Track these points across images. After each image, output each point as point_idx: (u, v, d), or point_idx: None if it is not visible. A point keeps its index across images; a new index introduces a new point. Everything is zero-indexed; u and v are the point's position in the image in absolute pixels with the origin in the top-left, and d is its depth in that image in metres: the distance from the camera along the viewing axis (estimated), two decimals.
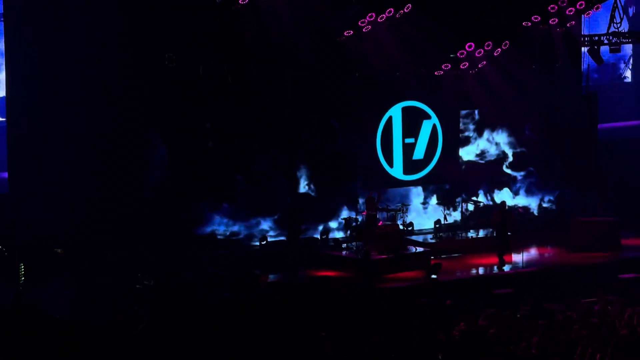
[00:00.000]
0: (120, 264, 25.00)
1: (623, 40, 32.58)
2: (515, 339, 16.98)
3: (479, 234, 29.69)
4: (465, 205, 30.56)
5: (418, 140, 30.68)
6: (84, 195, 27.11)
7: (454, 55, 30.32)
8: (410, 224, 29.62)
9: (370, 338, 16.40)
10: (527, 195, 32.13)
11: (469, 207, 30.60)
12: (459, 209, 30.57)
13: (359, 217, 28.63)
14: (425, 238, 29.34)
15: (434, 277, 25.56)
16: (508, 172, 32.26)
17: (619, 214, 30.17)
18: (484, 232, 29.66)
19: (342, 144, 29.67)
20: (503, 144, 32.21)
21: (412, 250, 27.58)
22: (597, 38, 32.05)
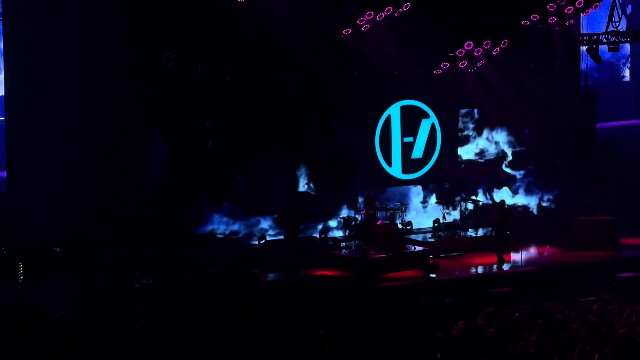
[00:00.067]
0: (120, 264, 25.00)
1: (622, 39, 32.55)
2: (514, 338, 16.97)
3: (478, 233, 29.73)
4: (465, 205, 30.56)
5: (417, 139, 30.69)
6: (84, 195, 27.08)
7: (453, 54, 30.31)
8: (409, 223, 29.62)
9: (369, 337, 16.42)
10: (526, 195, 32.14)
11: (468, 206, 30.61)
12: (458, 208, 30.56)
13: (358, 216, 28.65)
14: (425, 237, 29.33)
15: (433, 276, 25.58)
16: (507, 171, 32.28)
17: (618, 214, 30.17)
18: (483, 231, 29.69)
19: (341, 144, 29.69)
20: (502, 143, 32.23)
21: (411, 250, 27.60)
22: (596, 37, 32.04)
